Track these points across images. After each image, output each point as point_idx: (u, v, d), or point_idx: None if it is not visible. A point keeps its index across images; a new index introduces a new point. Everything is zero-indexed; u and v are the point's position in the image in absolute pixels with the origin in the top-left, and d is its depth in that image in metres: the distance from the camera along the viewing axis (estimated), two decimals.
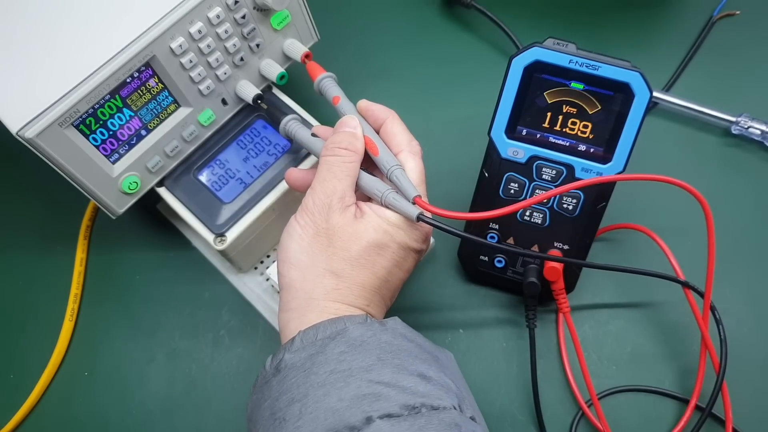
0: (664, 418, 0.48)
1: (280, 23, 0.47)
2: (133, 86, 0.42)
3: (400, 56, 0.62)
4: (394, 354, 0.34)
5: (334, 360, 0.33)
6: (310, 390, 0.32)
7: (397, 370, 0.33)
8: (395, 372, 0.32)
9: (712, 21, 0.62)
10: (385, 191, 0.39)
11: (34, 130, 0.38)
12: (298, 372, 0.33)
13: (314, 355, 0.33)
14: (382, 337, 0.34)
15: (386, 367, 0.33)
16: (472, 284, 0.53)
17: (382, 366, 0.33)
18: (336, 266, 0.37)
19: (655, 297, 0.52)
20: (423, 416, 0.31)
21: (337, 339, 0.34)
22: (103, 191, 0.44)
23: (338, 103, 0.44)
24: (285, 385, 0.33)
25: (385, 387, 0.32)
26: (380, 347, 0.34)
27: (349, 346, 0.33)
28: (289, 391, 0.33)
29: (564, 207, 0.46)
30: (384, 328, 0.35)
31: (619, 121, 0.43)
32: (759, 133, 0.56)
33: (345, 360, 0.33)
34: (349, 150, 0.40)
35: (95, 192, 0.43)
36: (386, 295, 0.39)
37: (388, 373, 0.32)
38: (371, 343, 0.34)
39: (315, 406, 0.31)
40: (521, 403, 0.49)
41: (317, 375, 0.32)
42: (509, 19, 0.60)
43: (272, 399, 0.33)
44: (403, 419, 0.30)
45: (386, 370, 0.32)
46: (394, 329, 0.36)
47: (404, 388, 0.32)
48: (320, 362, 0.33)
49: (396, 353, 0.34)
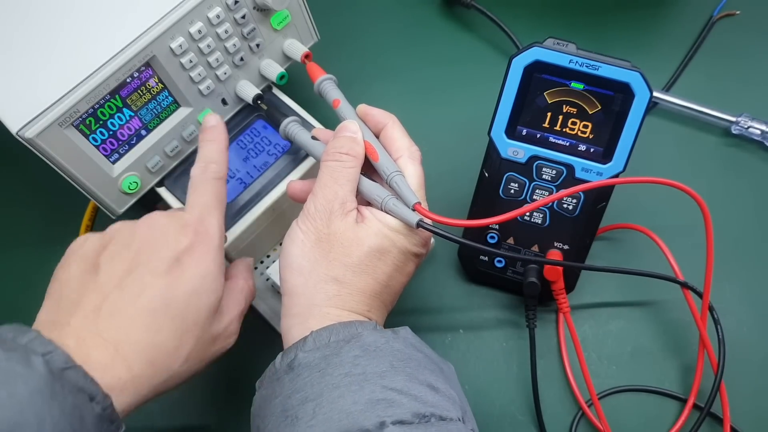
0: (665, 417, 0.48)
1: (280, 23, 0.47)
2: (133, 86, 0.42)
3: (400, 56, 0.62)
4: (405, 362, 0.34)
5: (349, 363, 0.33)
6: (325, 390, 0.32)
7: (408, 379, 0.33)
8: (407, 380, 0.33)
9: (712, 21, 0.62)
10: (385, 197, 0.39)
11: (34, 130, 0.38)
12: (312, 371, 0.33)
13: (329, 356, 0.34)
14: (395, 345, 0.35)
15: (399, 374, 0.33)
16: (472, 284, 0.53)
17: (395, 373, 0.33)
18: (337, 272, 0.37)
19: (655, 296, 0.52)
20: (433, 426, 0.31)
21: (352, 343, 0.34)
22: (103, 191, 0.44)
23: (338, 106, 0.44)
24: (298, 383, 0.33)
25: (398, 394, 0.32)
26: (393, 355, 0.34)
27: (363, 351, 0.34)
28: (303, 390, 0.33)
29: (564, 207, 0.46)
30: (396, 336, 0.36)
31: (619, 121, 0.43)
32: (759, 133, 0.56)
33: (360, 364, 0.33)
34: (350, 155, 0.40)
35: (95, 192, 0.43)
36: (387, 300, 0.40)
37: (400, 380, 0.33)
38: (385, 350, 0.34)
39: (329, 406, 0.32)
40: (521, 403, 0.49)
41: (332, 376, 0.33)
42: (509, 19, 0.60)
43: (284, 396, 0.33)
44: (414, 427, 0.31)
45: (399, 378, 0.33)
46: (405, 338, 0.36)
47: (416, 397, 0.32)
48: (335, 364, 0.33)
49: (407, 362, 0.34)
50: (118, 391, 0.32)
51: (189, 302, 0.35)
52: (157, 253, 0.36)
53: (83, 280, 0.35)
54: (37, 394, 0.28)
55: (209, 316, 0.37)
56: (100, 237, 0.38)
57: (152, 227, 0.37)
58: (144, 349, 0.34)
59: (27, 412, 0.27)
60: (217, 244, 0.38)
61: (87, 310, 0.34)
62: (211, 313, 0.37)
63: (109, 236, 0.38)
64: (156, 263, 0.35)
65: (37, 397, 0.28)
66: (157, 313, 0.34)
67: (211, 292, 0.37)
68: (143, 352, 0.34)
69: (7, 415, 0.26)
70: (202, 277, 0.36)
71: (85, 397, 0.30)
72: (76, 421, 0.29)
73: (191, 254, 0.36)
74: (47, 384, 0.28)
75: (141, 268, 0.35)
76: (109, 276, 0.35)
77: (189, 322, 0.35)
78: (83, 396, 0.30)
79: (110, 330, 0.33)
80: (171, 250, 0.36)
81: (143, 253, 0.36)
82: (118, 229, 0.38)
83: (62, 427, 0.28)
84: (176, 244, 0.36)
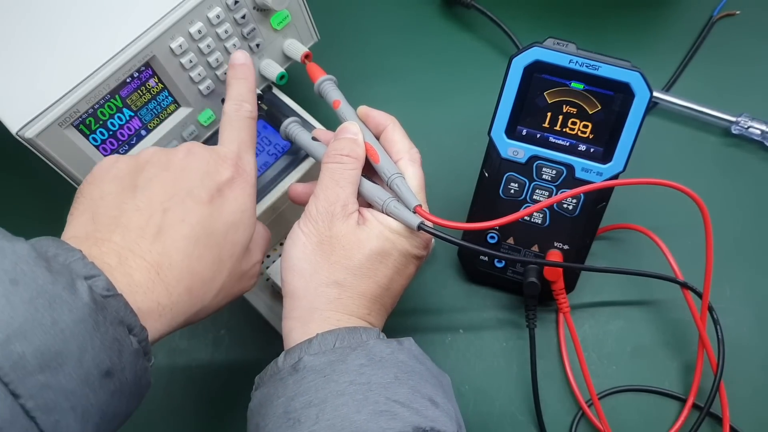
0: (665, 417, 0.48)
1: (280, 23, 0.47)
2: (133, 86, 0.42)
3: (400, 56, 0.62)
4: (409, 375, 0.34)
5: (354, 371, 0.33)
6: (329, 397, 0.32)
7: (411, 392, 0.33)
8: (410, 393, 0.33)
9: (712, 21, 0.62)
10: (386, 199, 0.39)
11: (34, 130, 0.38)
12: (317, 376, 0.33)
13: (334, 362, 0.34)
14: (399, 356, 0.35)
15: (402, 386, 0.33)
16: (472, 284, 0.53)
17: (399, 385, 0.33)
18: (338, 276, 0.37)
19: (655, 296, 0.52)
20: None
21: (358, 351, 0.34)
22: None
23: (339, 107, 0.44)
24: (302, 386, 0.33)
25: (401, 406, 0.32)
26: (397, 366, 0.34)
27: (369, 360, 0.34)
28: (307, 393, 0.33)
29: (564, 207, 0.46)
30: (401, 347, 0.36)
31: (619, 121, 0.43)
32: (759, 133, 0.56)
33: (365, 373, 0.33)
34: (351, 157, 0.40)
35: None
36: (387, 302, 0.40)
37: (403, 393, 0.33)
38: (390, 361, 0.34)
39: (333, 413, 0.32)
40: (521, 403, 0.49)
41: (337, 383, 0.33)
42: (509, 19, 0.60)
43: (287, 397, 0.33)
44: None
45: (402, 390, 0.33)
46: (410, 350, 0.36)
47: (417, 411, 0.32)
48: (340, 371, 0.33)
49: (411, 374, 0.34)
50: (156, 317, 0.32)
51: (227, 234, 0.35)
52: (200, 180, 0.35)
53: (122, 198, 0.34)
54: (81, 323, 0.27)
55: (243, 252, 0.37)
56: (134, 158, 0.36)
57: (192, 154, 0.36)
58: (184, 275, 0.33)
59: (70, 341, 0.26)
60: (253, 182, 0.38)
61: (129, 229, 0.33)
62: (245, 249, 0.37)
63: (144, 158, 0.36)
64: (199, 191, 0.35)
65: (81, 327, 0.27)
66: (199, 240, 0.34)
67: (247, 227, 0.37)
68: (183, 279, 0.33)
69: (50, 342, 0.26)
70: (242, 211, 0.36)
71: (124, 329, 0.29)
72: (114, 355, 0.28)
73: (232, 187, 0.36)
74: (91, 313, 0.27)
75: (183, 193, 0.35)
76: (150, 198, 0.34)
77: (226, 254, 0.35)
78: (123, 329, 0.29)
79: (153, 252, 0.33)
80: (213, 180, 0.36)
81: (185, 179, 0.35)
82: (153, 152, 0.37)
83: (101, 359, 0.27)
84: (217, 174, 0.36)
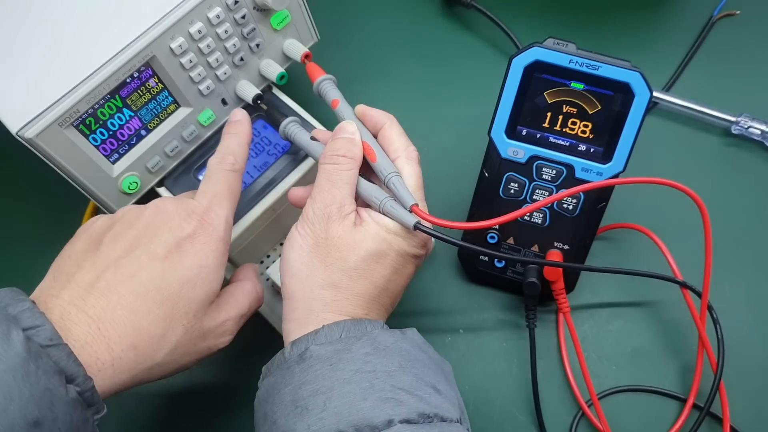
0: (665, 417, 0.48)
1: (280, 23, 0.47)
2: (133, 86, 0.42)
3: (400, 56, 0.62)
4: (412, 363, 0.35)
5: (360, 360, 0.34)
6: (336, 385, 0.33)
7: (415, 379, 0.34)
8: (414, 380, 0.34)
9: (712, 21, 0.62)
10: (383, 199, 0.39)
11: (34, 130, 0.38)
12: (323, 364, 0.34)
13: (340, 351, 0.34)
14: (403, 345, 0.36)
15: (406, 374, 0.34)
16: (472, 284, 0.53)
17: (403, 373, 0.34)
18: (334, 278, 0.37)
19: (655, 296, 0.52)
20: (436, 426, 0.32)
21: (363, 340, 0.35)
22: (103, 191, 0.44)
23: (337, 106, 0.44)
24: (309, 374, 0.34)
25: (406, 394, 0.33)
26: (401, 355, 0.35)
27: (374, 349, 0.34)
28: (314, 382, 0.33)
29: (564, 207, 0.46)
30: (405, 336, 0.36)
31: (619, 121, 0.43)
32: (759, 133, 0.56)
33: (370, 362, 0.34)
34: (347, 157, 0.40)
35: (95, 192, 0.43)
36: (386, 302, 0.40)
37: (408, 380, 0.33)
38: (394, 350, 0.35)
39: (340, 401, 0.32)
40: (521, 403, 0.49)
41: (343, 371, 0.33)
42: (509, 19, 0.60)
43: (294, 386, 0.34)
44: (420, 426, 0.32)
45: (406, 378, 0.34)
46: (413, 339, 0.37)
47: (421, 398, 0.33)
48: (346, 360, 0.34)
49: (414, 363, 0.35)
50: (95, 372, 0.32)
51: (182, 290, 0.35)
52: (158, 236, 0.36)
53: (84, 256, 0.35)
54: (9, 373, 0.27)
55: (202, 309, 0.36)
56: (110, 217, 0.38)
57: (159, 211, 0.37)
58: (128, 331, 0.33)
59: None
60: (221, 237, 0.37)
61: (79, 285, 0.34)
62: (204, 306, 0.36)
63: (117, 217, 0.38)
64: (155, 246, 0.35)
65: (8, 376, 0.27)
66: (147, 296, 0.34)
67: (206, 284, 0.36)
68: (127, 335, 0.33)
69: None
70: (200, 267, 0.36)
71: (61, 379, 0.29)
72: (44, 406, 0.28)
73: (192, 242, 0.36)
74: (23, 363, 0.28)
75: (139, 249, 0.35)
76: (107, 254, 0.35)
77: (179, 311, 0.35)
78: (59, 378, 0.29)
79: (96, 307, 0.33)
80: (172, 236, 0.36)
81: (145, 235, 0.36)
82: (126, 210, 0.38)
83: (29, 409, 0.27)
84: (179, 230, 0.36)
